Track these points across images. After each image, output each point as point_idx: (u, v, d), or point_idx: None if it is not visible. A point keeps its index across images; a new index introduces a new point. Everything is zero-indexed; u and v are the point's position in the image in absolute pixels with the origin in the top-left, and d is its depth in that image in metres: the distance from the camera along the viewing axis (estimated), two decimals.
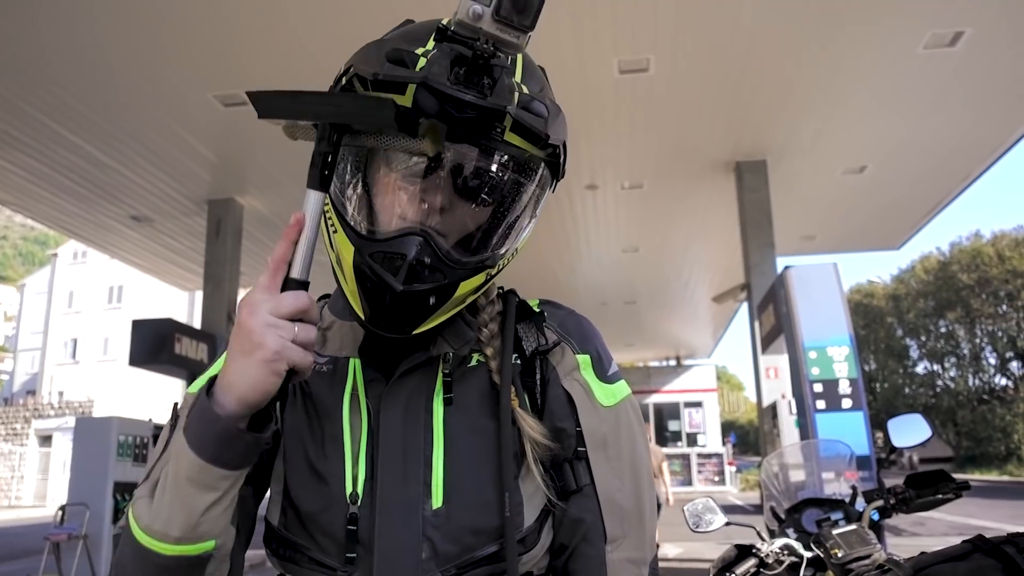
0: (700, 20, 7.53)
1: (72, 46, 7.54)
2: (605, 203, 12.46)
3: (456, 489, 0.92)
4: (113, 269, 36.70)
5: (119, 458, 9.40)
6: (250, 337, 0.78)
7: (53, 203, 11.54)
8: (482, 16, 0.76)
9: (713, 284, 17.39)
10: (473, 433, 0.95)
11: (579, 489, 0.97)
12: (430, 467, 0.93)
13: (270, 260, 0.82)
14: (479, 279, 0.92)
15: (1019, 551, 1.22)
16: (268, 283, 0.81)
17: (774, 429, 10.69)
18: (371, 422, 0.95)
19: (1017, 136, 10.36)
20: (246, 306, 0.80)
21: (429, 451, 0.93)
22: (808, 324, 8.03)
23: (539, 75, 0.95)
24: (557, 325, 1.05)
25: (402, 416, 0.94)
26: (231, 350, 0.81)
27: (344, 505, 0.92)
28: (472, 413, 0.96)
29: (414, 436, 0.93)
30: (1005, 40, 7.91)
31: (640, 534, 0.99)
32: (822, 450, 3.18)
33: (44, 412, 35.94)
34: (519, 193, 0.91)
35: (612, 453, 0.99)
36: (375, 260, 0.87)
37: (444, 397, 0.96)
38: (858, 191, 12.08)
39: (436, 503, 0.91)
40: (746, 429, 60.37)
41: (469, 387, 0.98)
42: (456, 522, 0.91)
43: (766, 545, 2.35)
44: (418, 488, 0.91)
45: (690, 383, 30.45)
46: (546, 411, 0.99)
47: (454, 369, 0.98)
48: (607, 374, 1.04)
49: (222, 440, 0.79)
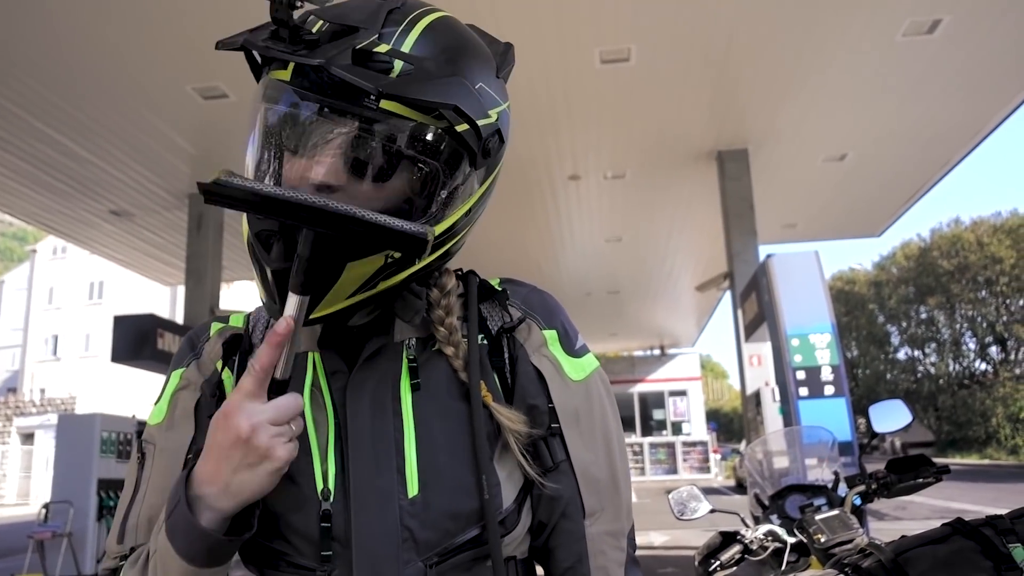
0: (681, 10, 7.54)
1: (48, 38, 7.45)
2: (588, 193, 12.47)
3: (431, 475, 0.90)
4: (93, 265, 36.35)
5: (102, 455, 9.36)
6: (256, 451, 0.78)
7: (31, 198, 11.41)
8: None
9: (696, 273, 17.45)
10: (444, 417, 0.93)
11: (555, 466, 0.96)
12: (402, 455, 0.90)
13: (255, 367, 0.80)
14: (374, 261, 0.86)
15: (997, 533, 1.23)
16: (256, 389, 0.80)
17: (758, 416, 10.77)
18: (337, 414, 0.93)
19: (996, 123, 10.45)
20: (243, 418, 0.79)
21: (400, 438, 0.91)
22: (790, 312, 8.08)
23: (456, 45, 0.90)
24: (520, 302, 1.04)
25: (369, 405, 0.92)
26: (228, 461, 0.79)
27: (316, 502, 0.89)
28: (441, 397, 0.94)
29: (383, 424, 0.91)
30: (983, 27, 7.98)
31: (617, 505, 0.99)
32: (805, 437, 3.20)
33: (26, 410, 35.64)
34: (402, 166, 0.85)
35: (585, 427, 0.98)
36: (259, 239, 0.86)
37: (412, 383, 0.94)
38: (839, 179, 12.16)
39: (412, 491, 0.89)
40: (730, 417, 60.76)
41: (436, 371, 0.96)
42: (434, 509, 0.89)
43: (750, 532, 2.37)
44: (391, 477, 0.89)
45: (674, 372, 30.59)
46: (517, 388, 0.98)
47: (418, 354, 0.96)
48: (574, 348, 1.03)
49: (213, 552, 0.81)
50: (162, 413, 1.00)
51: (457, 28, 0.93)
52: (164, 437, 0.98)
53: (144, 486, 0.95)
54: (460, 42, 0.91)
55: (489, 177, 0.96)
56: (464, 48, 0.91)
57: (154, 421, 1.00)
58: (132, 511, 0.94)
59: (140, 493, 0.95)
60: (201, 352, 1.04)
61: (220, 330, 1.06)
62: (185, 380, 1.01)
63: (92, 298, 40.11)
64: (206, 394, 0.99)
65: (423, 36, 0.86)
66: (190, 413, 0.98)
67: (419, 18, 0.88)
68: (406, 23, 0.86)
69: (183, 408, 0.99)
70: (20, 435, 34.90)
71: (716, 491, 20.72)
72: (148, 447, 0.98)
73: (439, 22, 0.90)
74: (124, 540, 0.93)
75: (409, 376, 0.94)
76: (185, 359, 1.04)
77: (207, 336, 1.06)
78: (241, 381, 0.81)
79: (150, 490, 0.95)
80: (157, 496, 0.93)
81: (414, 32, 0.86)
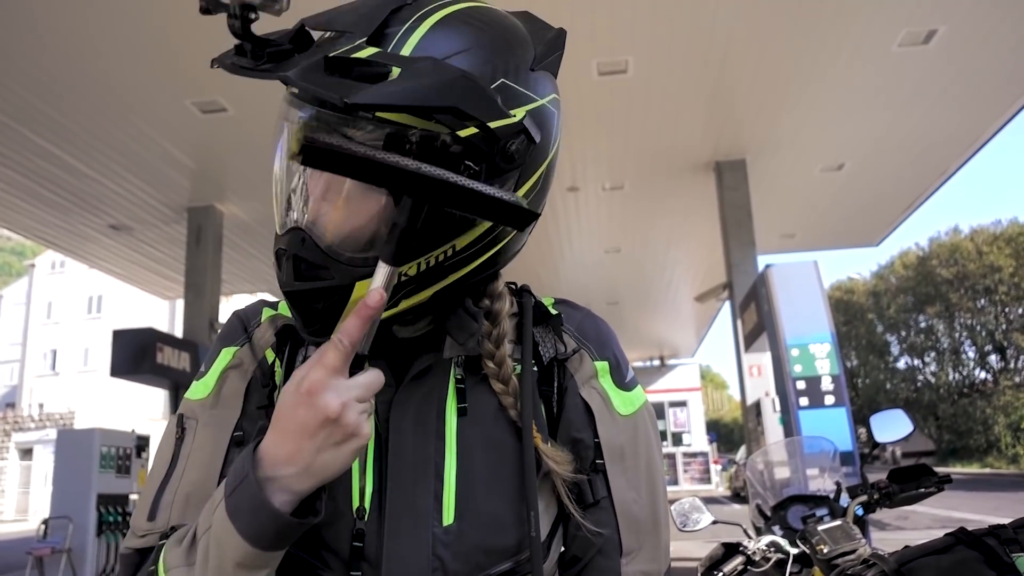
0: (678, 21, 7.58)
1: (47, 53, 7.47)
2: (587, 204, 12.49)
3: (469, 505, 0.87)
4: (92, 279, 36.34)
5: (102, 470, 9.33)
6: (345, 430, 0.73)
7: (30, 213, 11.42)
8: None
9: (695, 283, 17.46)
10: (488, 448, 0.90)
11: (596, 502, 0.93)
12: (442, 480, 0.87)
13: (343, 342, 0.74)
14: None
15: (1000, 543, 1.23)
16: (340, 366, 0.74)
17: (758, 427, 10.76)
18: (379, 429, 0.89)
19: (992, 132, 10.49)
20: (332, 396, 0.73)
21: (441, 463, 0.88)
22: (790, 322, 8.08)
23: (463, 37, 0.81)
24: (575, 329, 1.00)
25: (412, 425, 0.89)
26: (312, 440, 0.73)
27: (350, 520, 0.86)
28: (488, 425, 0.91)
29: (425, 447, 0.88)
30: (977, 37, 8.02)
31: (655, 545, 0.96)
32: (806, 447, 3.19)
33: (24, 425, 35.52)
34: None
35: (629, 464, 0.95)
36: (276, 259, 0.85)
37: (458, 407, 0.90)
38: (836, 188, 12.19)
39: (448, 519, 0.86)
40: (731, 427, 60.64)
41: (484, 396, 0.92)
42: (468, 540, 0.86)
43: (753, 543, 2.37)
44: (428, 502, 0.86)
45: (674, 383, 30.57)
46: (563, 420, 0.95)
47: (467, 374, 0.92)
48: (625, 381, 1.00)
49: (281, 534, 0.75)
50: (208, 388, 0.95)
51: (481, 18, 0.84)
52: (208, 414, 0.93)
53: (183, 462, 0.91)
54: (479, 34, 0.82)
55: (530, 179, 0.87)
56: (483, 40, 0.82)
57: (197, 396, 0.95)
58: (168, 487, 0.89)
59: (178, 469, 0.90)
60: (252, 335, 0.99)
61: (272, 317, 1.01)
62: (238, 359, 0.97)
63: (91, 312, 40.10)
64: (257, 380, 0.95)
65: (431, 34, 0.79)
66: (240, 394, 0.94)
67: (430, 14, 0.81)
68: (412, 21, 0.80)
69: (232, 387, 0.95)
70: (19, 450, 34.77)
71: (716, 501, 20.66)
72: (190, 422, 0.93)
73: (457, 14, 0.83)
74: (156, 517, 0.88)
75: (456, 399, 0.91)
76: (238, 338, 0.99)
77: (258, 321, 1.01)
78: (324, 356, 0.74)
79: (190, 466, 0.90)
80: (198, 472, 0.89)
81: (419, 30, 0.79)
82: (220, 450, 0.91)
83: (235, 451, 0.91)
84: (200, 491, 0.87)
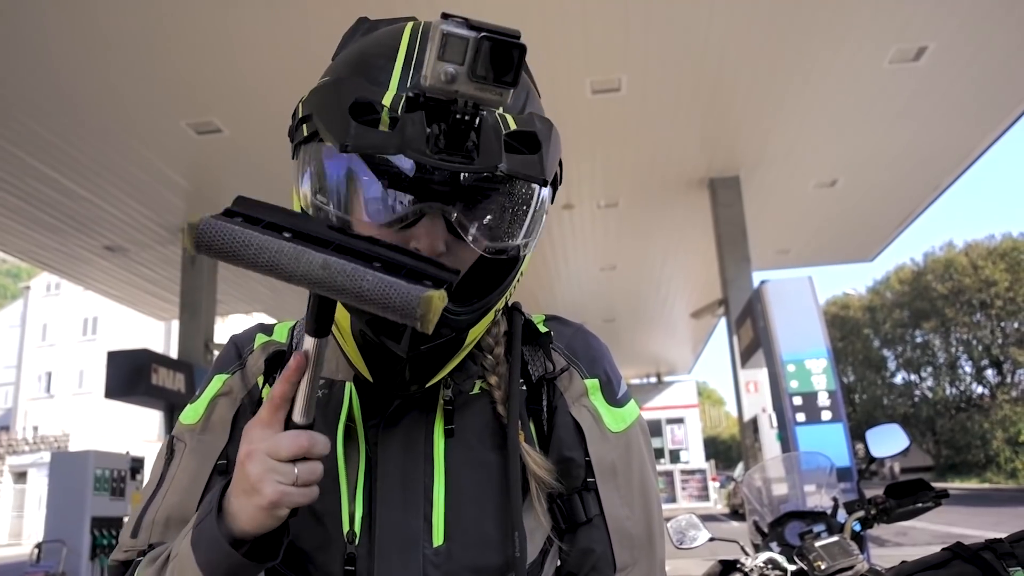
0: (670, 39, 7.63)
1: (42, 75, 7.49)
2: (582, 222, 12.52)
3: (457, 526, 0.88)
4: (87, 301, 36.28)
5: (96, 492, 9.26)
6: (248, 480, 0.73)
7: (25, 235, 11.41)
8: (456, 78, 0.67)
9: (691, 300, 17.48)
10: (476, 467, 0.91)
11: (588, 520, 0.93)
12: (431, 502, 0.88)
13: (270, 396, 0.76)
14: (487, 320, 0.87)
15: (997, 557, 1.23)
16: (268, 419, 0.75)
17: (756, 443, 10.74)
18: (368, 453, 0.90)
19: (984, 146, 10.56)
20: (245, 443, 0.75)
21: (430, 485, 0.89)
22: (785, 338, 8.09)
23: (522, 82, 0.87)
24: (564, 347, 1.01)
25: (401, 448, 0.90)
26: (234, 483, 0.76)
27: (341, 544, 0.87)
28: (474, 445, 0.92)
29: (413, 469, 0.89)
30: (967, 53, 8.08)
31: (651, 560, 0.95)
32: (803, 463, 3.18)
33: (18, 448, 35.29)
34: (519, 224, 0.86)
35: (622, 481, 0.95)
36: (374, 326, 0.81)
37: (445, 428, 0.91)
38: (830, 204, 12.23)
39: (437, 540, 0.87)
40: (728, 444, 60.48)
41: (471, 417, 0.93)
42: (457, 561, 0.87)
43: (750, 560, 2.36)
44: (418, 524, 0.87)
45: (671, 400, 30.50)
46: (553, 439, 0.96)
47: (455, 397, 0.93)
48: (616, 397, 1.00)
49: (233, 570, 0.76)
50: (197, 414, 0.97)
51: None
52: (196, 439, 0.95)
53: (167, 484, 0.93)
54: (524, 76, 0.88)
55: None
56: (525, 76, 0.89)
57: (188, 420, 0.97)
58: (151, 507, 0.92)
59: (162, 490, 0.93)
60: (246, 362, 1.01)
61: (264, 344, 1.02)
62: (228, 387, 0.99)
63: (86, 334, 39.96)
64: (246, 407, 0.97)
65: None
66: (227, 421, 0.96)
67: None
68: None
69: (220, 415, 0.96)
70: (13, 474, 34.51)
71: (715, 519, 20.57)
72: (178, 444, 0.96)
73: None
74: (138, 535, 0.90)
75: (443, 421, 0.91)
76: (230, 366, 1.01)
77: (251, 348, 1.02)
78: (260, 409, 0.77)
79: (172, 489, 0.92)
80: (178, 495, 0.91)
81: None
82: (202, 476, 0.92)
83: (217, 478, 0.92)
84: (179, 514, 0.90)
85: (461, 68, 0.67)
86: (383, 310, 0.63)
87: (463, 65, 0.67)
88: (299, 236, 0.67)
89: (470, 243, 0.83)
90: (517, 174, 0.76)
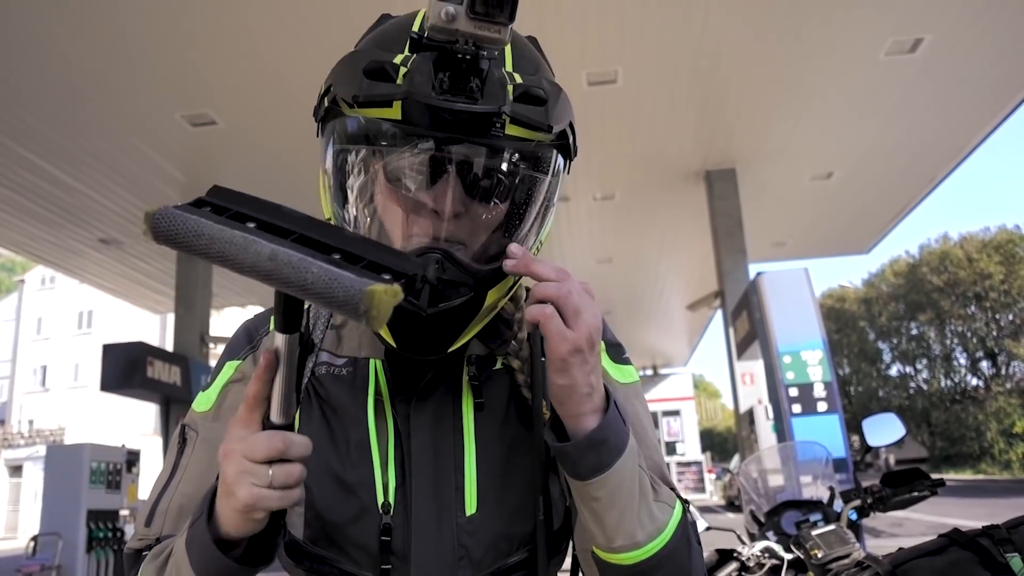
0: (666, 32, 7.62)
1: (36, 68, 7.45)
2: (578, 215, 12.51)
3: (489, 495, 0.90)
4: (83, 294, 36.16)
5: (92, 485, 9.24)
6: (224, 482, 0.73)
7: (19, 228, 11.37)
8: (456, 16, 0.71)
9: (687, 292, 17.50)
10: (504, 439, 0.93)
11: None
12: (462, 472, 0.90)
13: (245, 396, 0.75)
14: (507, 282, 0.90)
15: (994, 543, 1.23)
16: (245, 419, 0.74)
17: (752, 435, 10.75)
18: (397, 427, 0.91)
19: (979, 139, 10.57)
20: (224, 441, 0.74)
21: (460, 456, 0.91)
22: (781, 329, 8.10)
23: (532, 54, 0.92)
24: None
25: (431, 421, 0.91)
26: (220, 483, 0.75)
27: (376, 515, 0.87)
28: (502, 418, 0.94)
29: (444, 441, 0.91)
30: (963, 45, 8.08)
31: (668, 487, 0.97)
32: (799, 453, 3.19)
33: (14, 442, 35.26)
34: (532, 186, 0.89)
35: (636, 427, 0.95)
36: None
37: (474, 402, 0.93)
38: (826, 197, 12.24)
39: (470, 509, 0.89)
40: (724, 436, 60.59)
41: (497, 390, 0.96)
42: (490, 529, 0.89)
43: (747, 549, 2.36)
44: (451, 494, 0.89)
45: (667, 392, 30.57)
46: None
47: (480, 371, 0.95)
48: (621, 356, 1.04)
49: (223, 573, 0.77)
50: (210, 402, 0.97)
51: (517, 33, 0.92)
52: (208, 427, 0.95)
53: (180, 473, 0.93)
54: (532, 48, 0.93)
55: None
56: (537, 53, 0.93)
57: (200, 408, 0.97)
58: (164, 496, 0.92)
59: (175, 480, 0.93)
60: (259, 345, 1.00)
61: None
62: (240, 373, 0.98)
63: (81, 328, 39.86)
64: None
65: (514, 52, 0.87)
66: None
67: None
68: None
69: (233, 402, 0.96)
70: (8, 467, 34.51)
71: (711, 510, 20.62)
72: (191, 433, 0.96)
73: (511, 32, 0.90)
74: (152, 524, 0.91)
75: (472, 394, 0.94)
76: (242, 351, 1.00)
77: (266, 330, 1.02)
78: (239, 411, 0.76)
79: (185, 478, 0.93)
80: (191, 485, 0.92)
81: (507, 49, 0.86)
82: (214, 465, 0.89)
83: None
84: (191, 504, 0.89)
85: (460, 7, 0.71)
86: (328, 304, 0.60)
87: (462, 4, 0.71)
88: (263, 226, 0.65)
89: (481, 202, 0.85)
90: (521, 117, 0.79)
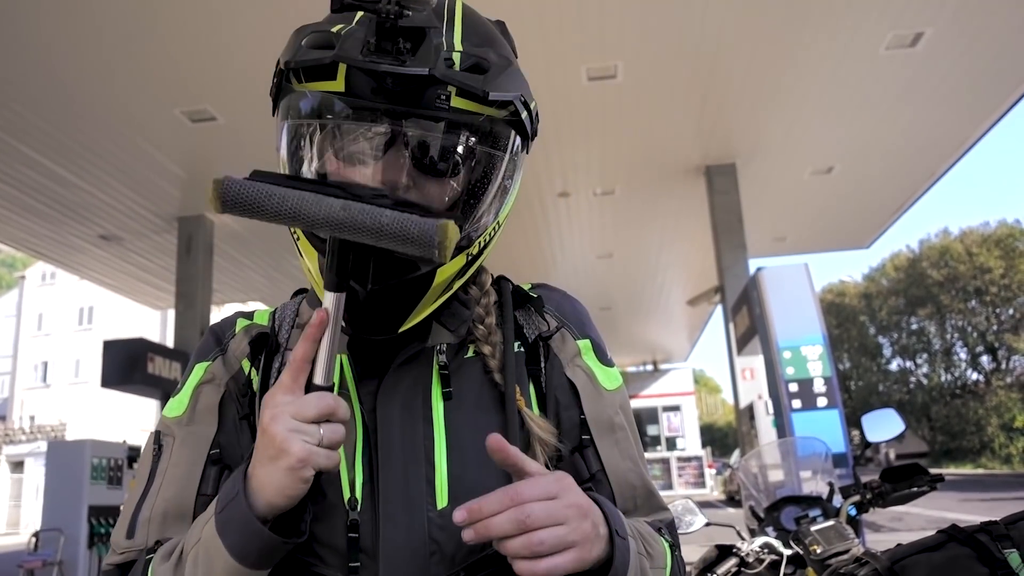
0: (667, 26, 7.60)
1: (34, 63, 7.44)
2: (578, 210, 12.50)
3: (461, 487, 0.87)
4: (83, 290, 36.19)
5: (93, 481, 9.27)
6: (273, 443, 0.73)
7: (19, 224, 11.36)
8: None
9: (687, 287, 17.48)
10: (476, 428, 0.89)
11: (591, 476, 0.94)
12: (432, 465, 0.88)
13: (291, 359, 0.77)
14: (458, 262, 0.88)
15: (993, 539, 1.23)
16: (290, 384, 0.76)
17: (752, 430, 10.76)
18: (365, 420, 0.90)
19: (980, 133, 10.55)
20: (268, 408, 0.76)
21: (431, 448, 0.89)
22: (781, 324, 8.10)
23: (486, 31, 0.90)
24: (555, 308, 1.03)
25: (399, 413, 0.89)
26: (256, 452, 0.76)
27: (343, 512, 0.86)
28: (473, 407, 0.92)
29: (413, 433, 0.88)
30: (964, 39, 8.06)
31: (650, 505, 0.98)
32: (799, 448, 3.19)
33: (15, 437, 35.31)
34: (483, 162, 0.87)
35: (620, 435, 0.97)
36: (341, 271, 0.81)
37: (443, 391, 0.91)
38: (826, 191, 12.22)
39: (441, 503, 0.86)
40: (724, 431, 60.68)
41: (468, 379, 0.94)
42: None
43: (746, 544, 2.36)
44: (421, 487, 0.87)
45: (667, 387, 30.55)
46: (550, 400, 0.97)
47: (450, 360, 0.94)
48: (607, 358, 1.03)
49: (264, 552, 0.76)
50: (182, 406, 0.96)
51: (476, 11, 0.93)
52: (184, 431, 0.94)
53: (160, 479, 0.91)
54: (489, 26, 0.93)
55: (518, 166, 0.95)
56: (495, 32, 0.93)
57: (173, 414, 0.96)
58: (144, 504, 0.90)
59: (154, 486, 0.91)
60: (227, 348, 1.00)
61: (246, 327, 1.02)
62: (210, 374, 0.98)
63: (82, 324, 39.92)
64: (232, 391, 0.96)
65: (465, 25, 0.86)
66: (214, 408, 0.95)
67: (452, 7, 0.88)
68: (447, 14, 0.86)
69: (206, 402, 0.96)
70: (10, 463, 34.56)
71: (711, 505, 20.66)
72: (166, 439, 0.94)
73: (465, 7, 0.90)
74: (135, 535, 0.88)
75: (441, 384, 0.92)
76: (211, 353, 1.00)
77: (232, 332, 1.02)
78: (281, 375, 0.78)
79: (165, 483, 0.91)
80: (173, 489, 0.90)
81: (457, 22, 0.86)
82: (196, 467, 0.91)
83: (211, 468, 0.92)
84: (176, 507, 0.89)
85: None
86: (403, 243, 0.70)
87: None
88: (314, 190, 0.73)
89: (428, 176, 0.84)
90: (452, 80, 0.78)
